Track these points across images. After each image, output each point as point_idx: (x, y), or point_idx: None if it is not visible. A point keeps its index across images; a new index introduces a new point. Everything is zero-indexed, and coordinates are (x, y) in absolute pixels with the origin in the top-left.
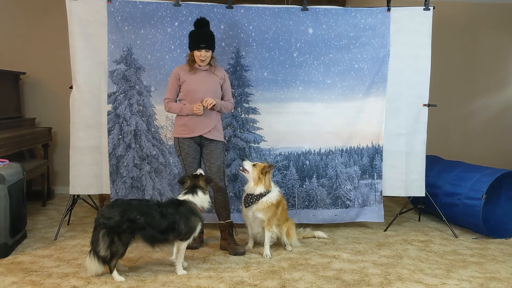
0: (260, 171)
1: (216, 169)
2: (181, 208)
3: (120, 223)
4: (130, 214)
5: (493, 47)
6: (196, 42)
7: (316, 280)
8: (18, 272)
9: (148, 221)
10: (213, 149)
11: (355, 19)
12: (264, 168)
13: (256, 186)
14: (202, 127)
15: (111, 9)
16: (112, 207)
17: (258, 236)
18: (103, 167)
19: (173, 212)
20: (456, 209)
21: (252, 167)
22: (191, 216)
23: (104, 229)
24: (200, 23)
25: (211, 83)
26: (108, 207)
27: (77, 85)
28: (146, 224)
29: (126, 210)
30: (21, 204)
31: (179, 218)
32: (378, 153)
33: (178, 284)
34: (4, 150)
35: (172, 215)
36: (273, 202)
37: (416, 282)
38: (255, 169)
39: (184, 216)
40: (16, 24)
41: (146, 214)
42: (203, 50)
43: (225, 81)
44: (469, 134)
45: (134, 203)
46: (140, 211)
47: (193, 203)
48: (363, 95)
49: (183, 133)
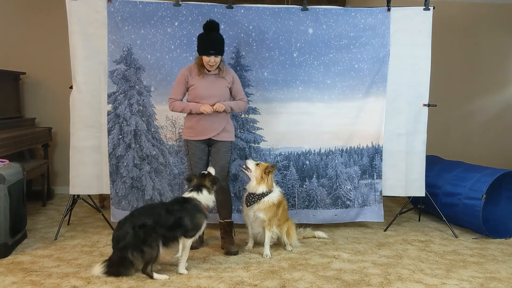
0: (263, 170)
1: (220, 168)
2: (186, 205)
3: (136, 233)
4: (138, 221)
5: (493, 47)
6: (206, 48)
7: (316, 280)
8: (18, 272)
9: (156, 219)
10: (220, 149)
11: (355, 19)
12: (267, 168)
13: (258, 186)
14: (210, 130)
15: (111, 9)
16: (121, 227)
17: (258, 236)
18: (103, 167)
19: (179, 209)
20: (456, 209)
21: (255, 166)
22: (196, 213)
23: (129, 249)
24: (209, 26)
25: (219, 88)
26: (117, 228)
27: (77, 85)
28: (155, 224)
29: (134, 220)
30: (21, 204)
31: (185, 214)
32: (378, 153)
33: (178, 284)
34: (4, 150)
35: (178, 211)
36: (275, 202)
37: (416, 282)
38: (258, 168)
39: (190, 213)
40: (16, 24)
41: (153, 214)
42: (212, 56)
43: (234, 83)
44: (469, 134)
45: (138, 210)
46: (146, 214)
47: (197, 200)
48: (363, 95)
49: (190, 135)
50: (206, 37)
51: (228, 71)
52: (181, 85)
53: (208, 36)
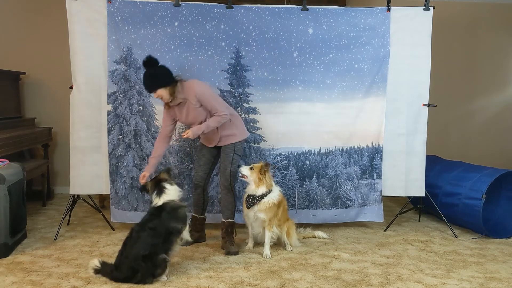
0: (258, 172)
1: (223, 168)
2: (163, 213)
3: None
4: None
5: (493, 47)
6: (144, 87)
7: (316, 280)
8: (18, 272)
9: (150, 244)
10: (223, 150)
11: (355, 19)
12: (262, 168)
13: (258, 188)
14: (210, 142)
15: (111, 9)
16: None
17: (258, 236)
18: (103, 167)
19: (161, 221)
20: (456, 209)
21: (250, 170)
22: (176, 212)
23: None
24: (144, 63)
25: (191, 113)
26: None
27: (77, 85)
28: (152, 249)
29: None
30: (21, 204)
31: (168, 221)
32: (378, 153)
33: (178, 284)
34: (4, 150)
35: (162, 224)
36: (275, 202)
37: (416, 282)
38: (253, 172)
39: (171, 216)
40: (16, 24)
41: (143, 243)
42: (153, 93)
43: (202, 100)
44: (469, 134)
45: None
46: (132, 247)
47: (168, 200)
48: (363, 95)
49: (203, 140)
50: (143, 74)
51: (188, 92)
52: (166, 115)
53: (144, 74)
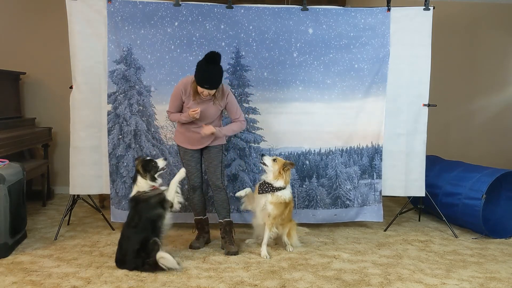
0: (281, 167)
1: (213, 168)
2: (139, 207)
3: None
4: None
5: (493, 47)
6: (202, 80)
7: (316, 280)
8: (18, 272)
9: (141, 237)
10: (211, 150)
11: (355, 19)
12: (286, 165)
13: (276, 180)
14: (201, 143)
15: (111, 9)
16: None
17: (259, 229)
18: (103, 167)
19: (138, 218)
20: (456, 209)
21: (272, 162)
22: (147, 203)
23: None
24: (211, 58)
25: (211, 112)
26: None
27: (77, 85)
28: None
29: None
30: (21, 204)
31: (146, 213)
32: (378, 153)
33: (178, 284)
34: (4, 150)
35: (141, 219)
36: (286, 200)
37: (416, 282)
38: (275, 164)
39: (146, 209)
40: (16, 24)
41: (134, 238)
42: (206, 89)
43: (228, 104)
44: (469, 134)
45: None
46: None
47: (141, 192)
48: (363, 95)
49: (183, 143)
50: (205, 68)
51: (223, 95)
52: (177, 100)
53: (207, 69)
